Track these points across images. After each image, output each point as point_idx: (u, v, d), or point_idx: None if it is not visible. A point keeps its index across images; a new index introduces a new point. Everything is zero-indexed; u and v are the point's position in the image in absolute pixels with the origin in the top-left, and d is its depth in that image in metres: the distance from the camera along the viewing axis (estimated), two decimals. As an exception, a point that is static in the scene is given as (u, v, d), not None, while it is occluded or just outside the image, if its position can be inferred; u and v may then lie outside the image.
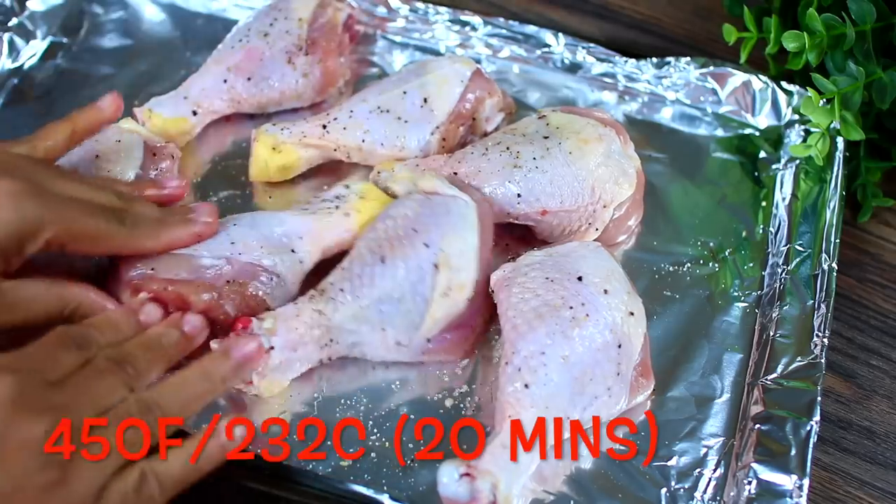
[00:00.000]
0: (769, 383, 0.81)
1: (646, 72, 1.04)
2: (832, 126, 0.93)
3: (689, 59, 1.02)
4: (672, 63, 1.03)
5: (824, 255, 0.88)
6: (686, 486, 0.78)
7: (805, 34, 0.92)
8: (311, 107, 1.00)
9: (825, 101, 0.93)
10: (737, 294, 0.89)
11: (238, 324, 0.77)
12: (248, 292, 0.80)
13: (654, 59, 1.03)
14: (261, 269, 0.81)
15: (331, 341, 0.80)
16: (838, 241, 0.90)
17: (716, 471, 0.78)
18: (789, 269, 0.89)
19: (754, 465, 0.76)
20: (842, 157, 0.95)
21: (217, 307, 0.79)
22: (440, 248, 0.80)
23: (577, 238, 0.89)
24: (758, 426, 0.79)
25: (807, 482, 0.75)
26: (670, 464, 0.79)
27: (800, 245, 0.90)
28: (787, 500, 0.75)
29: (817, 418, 0.78)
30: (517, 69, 1.06)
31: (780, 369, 0.82)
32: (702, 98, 1.03)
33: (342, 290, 0.80)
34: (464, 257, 0.81)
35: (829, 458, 0.83)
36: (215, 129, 0.99)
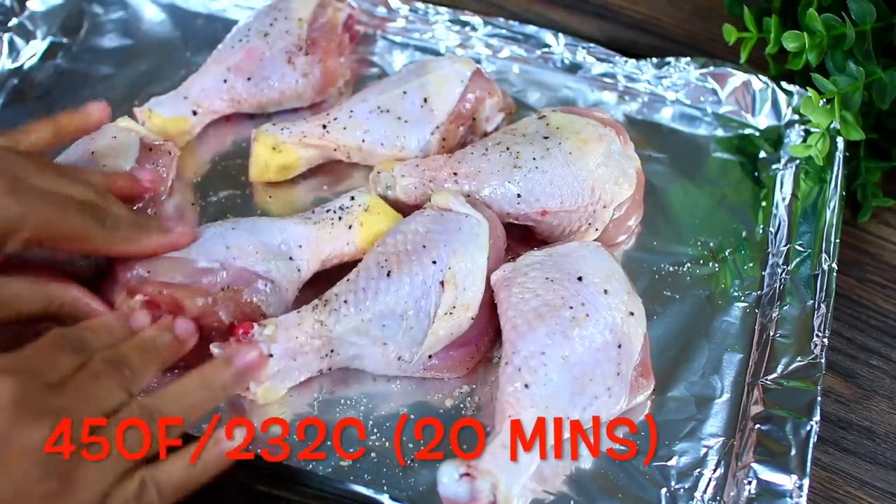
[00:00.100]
0: (769, 383, 0.81)
1: (646, 72, 1.04)
2: (832, 126, 0.93)
3: (689, 59, 1.02)
4: (672, 63, 1.03)
5: (824, 255, 0.88)
6: (686, 486, 0.78)
7: (805, 34, 0.92)
8: (311, 107, 1.00)
9: (825, 101, 0.92)
10: (737, 294, 0.89)
11: (239, 329, 0.77)
12: (242, 299, 0.80)
13: (654, 59, 1.03)
14: (256, 275, 0.80)
15: (331, 352, 0.80)
16: (838, 241, 0.90)
17: (716, 471, 0.78)
18: (789, 269, 0.89)
19: (754, 465, 0.76)
20: (842, 157, 0.95)
21: (211, 313, 0.78)
22: (448, 266, 0.80)
23: (577, 238, 0.89)
24: (758, 426, 0.79)
25: (807, 482, 0.75)
26: (670, 464, 0.79)
27: (800, 245, 0.90)
28: (787, 500, 0.75)
29: (817, 418, 0.78)
30: (517, 69, 1.06)
31: (780, 369, 0.82)
32: (702, 98, 1.03)
33: (346, 301, 0.79)
34: (471, 276, 0.81)
35: (829, 458, 0.83)
36: (215, 129, 0.99)
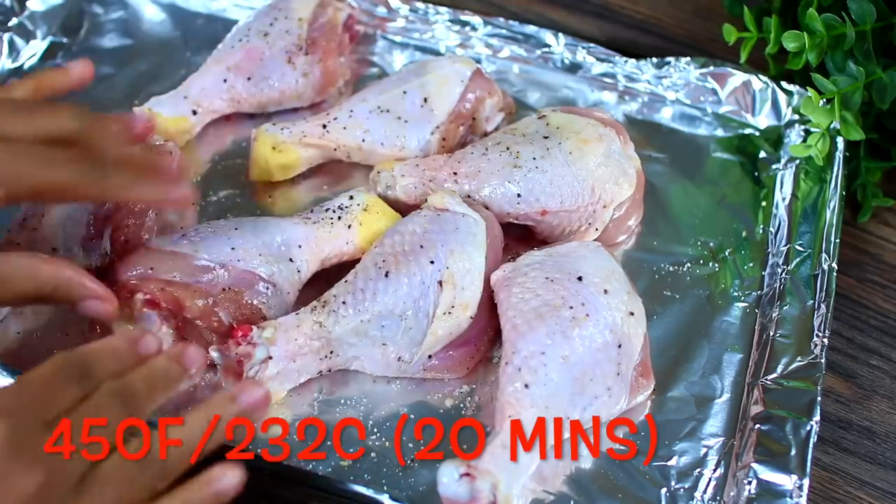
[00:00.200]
0: (769, 383, 0.81)
1: (646, 72, 1.04)
2: (832, 126, 0.93)
3: (689, 59, 1.02)
4: (672, 63, 1.03)
5: (824, 255, 0.88)
6: (686, 486, 0.78)
7: (805, 34, 0.92)
8: (311, 107, 1.00)
9: (825, 101, 0.93)
10: (737, 294, 0.89)
11: (238, 332, 0.77)
12: (244, 300, 0.80)
13: (654, 59, 1.03)
14: (258, 278, 0.80)
15: (331, 353, 0.80)
16: (838, 241, 0.90)
17: (716, 471, 0.78)
18: (789, 269, 0.89)
19: (754, 465, 0.76)
20: (842, 157, 0.95)
21: (212, 313, 0.79)
22: (445, 266, 0.80)
23: (577, 238, 0.89)
24: (758, 426, 0.79)
25: (807, 482, 0.75)
26: (670, 464, 0.79)
27: (800, 245, 0.90)
28: (787, 500, 0.75)
29: (817, 418, 0.78)
30: (517, 69, 1.06)
31: (780, 369, 0.82)
32: (702, 98, 1.03)
33: (344, 302, 0.79)
34: (469, 276, 0.81)
35: (829, 458, 0.83)
36: (215, 128, 0.99)
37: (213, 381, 0.80)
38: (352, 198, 0.88)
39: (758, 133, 1.01)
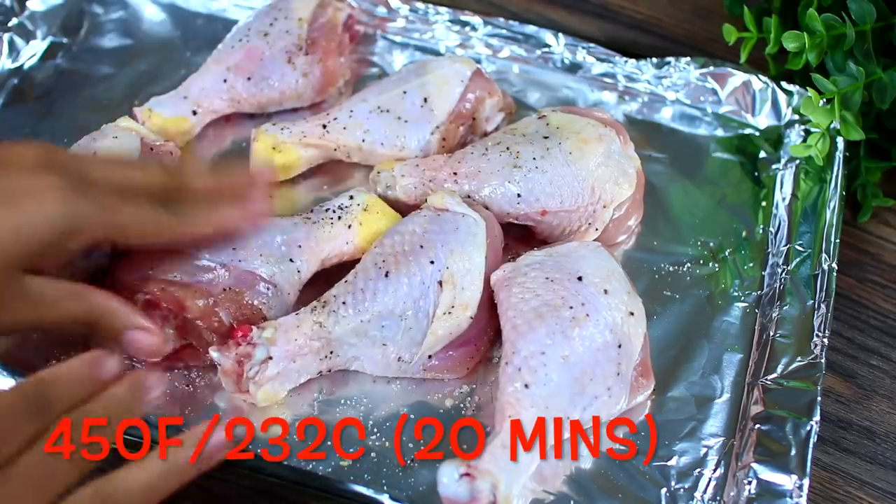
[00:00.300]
0: (769, 383, 0.81)
1: (646, 72, 1.04)
2: (832, 126, 0.93)
3: (689, 59, 1.02)
4: (672, 63, 1.03)
5: (824, 255, 0.88)
6: (686, 486, 0.78)
7: (805, 34, 0.92)
8: (311, 107, 1.00)
9: (825, 101, 0.93)
10: (737, 294, 0.89)
11: (238, 332, 0.77)
12: (244, 301, 0.80)
13: (654, 59, 1.03)
14: (259, 278, 0.80)
15: (331, 354, 0.80)
16: (838, 241, 0.90)
17: (716, 471, 0.78)
18: (789, 269, 0.89)
19: (754, 465, 0.76)
20: (842, 157, 0.95)
21: (212, 314, 0.78)
22: (445, 266, 0.80)
23: (577, 238, 0.89)
24: (758, 426, 0.79)
25: (807, 482, 0.75)
26: (670, 464, 0.79)
27: (800, 245, 0.90)
28: (787, 500, 0.75)
29: (817, 418, 0.78)
30: (517, 69, 1.06)
31: (780, 369, 0.82)
32: (702, 98, 1.03)
33: (344, 303, 0.79)
34: (469, 276, 0.81)
35: (829, 458, 0.83)
36: (215, 128, 0.99)
37: (214, 381, 0.80)
38: (352, 198, 0.88)
39: (758, 133, 1.02)
